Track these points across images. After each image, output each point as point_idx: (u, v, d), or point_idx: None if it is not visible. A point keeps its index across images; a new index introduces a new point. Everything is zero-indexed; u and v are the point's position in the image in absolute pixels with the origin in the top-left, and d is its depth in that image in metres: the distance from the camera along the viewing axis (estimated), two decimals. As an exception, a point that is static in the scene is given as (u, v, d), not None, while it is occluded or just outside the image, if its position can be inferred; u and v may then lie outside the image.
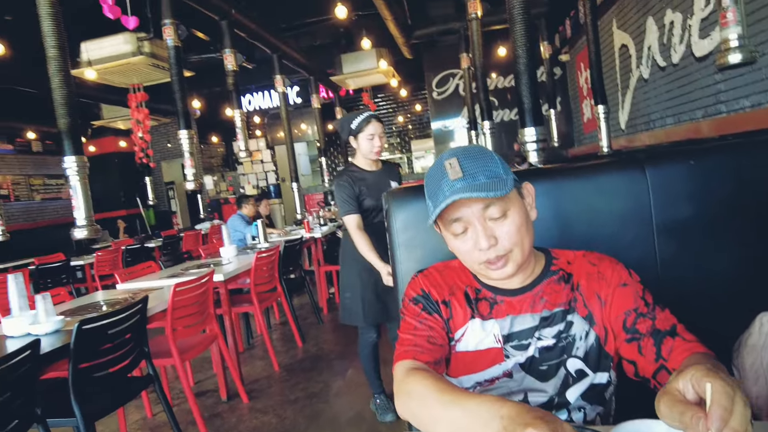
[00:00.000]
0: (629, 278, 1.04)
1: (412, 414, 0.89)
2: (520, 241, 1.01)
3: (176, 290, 2.82)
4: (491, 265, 1.02)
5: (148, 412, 3.31)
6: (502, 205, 0.99)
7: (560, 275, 1.09)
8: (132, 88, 6.09)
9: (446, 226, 1.04)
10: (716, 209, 1.29)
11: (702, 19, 3.52)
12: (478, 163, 0.99)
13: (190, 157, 4.03)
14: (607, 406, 1.06)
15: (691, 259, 1.29)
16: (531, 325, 1.05)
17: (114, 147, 11.46)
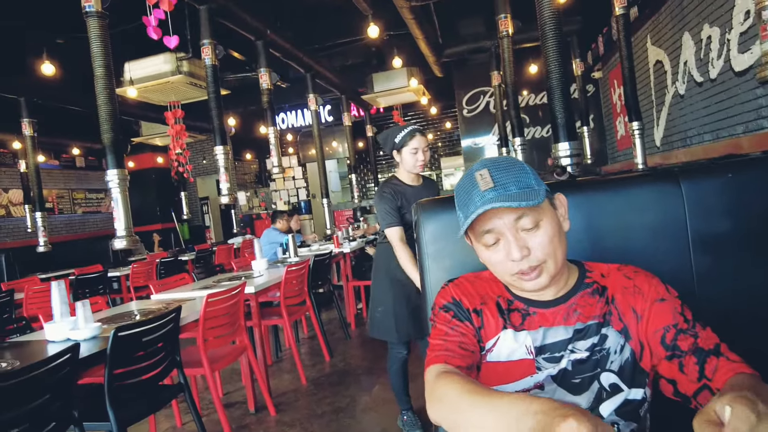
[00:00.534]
0: (667, 293, 1.02)
1: (443, 417, 0.88)
2: (553, 252, 1.00)
3: (208, 301, 2.88)
4: (524, 276, 1.01)
5: (177, 421, 3.35)
6: (534, 215, 0.99)
7: (594, 288, 1.07)
8: (169, 105, 6.33)
9: (478, 237, 1.04)
10: (755, 223, 1.25)
11: (741, 33, 3.44)
12: (509, 173, 0.99)
13: (225, 172, 4.14)
14: (642, 423, 1.03)
15: (729, 275, 1.25)
16: (564, 338, 1.04)
17: (151, 163, 11.87)
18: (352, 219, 9.92)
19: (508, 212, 0.98)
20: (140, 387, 2.38)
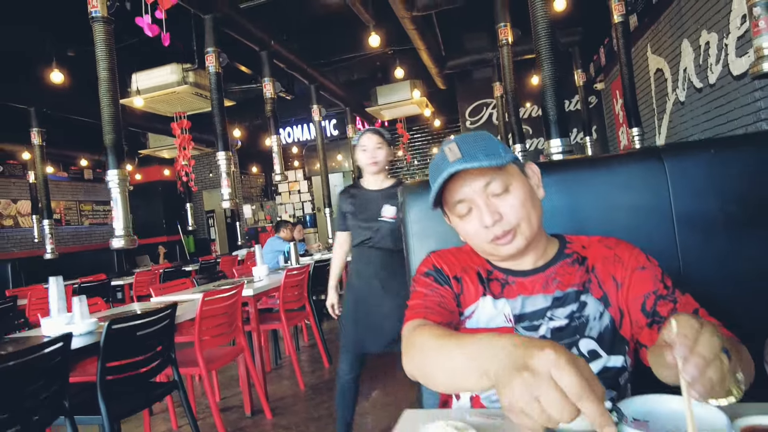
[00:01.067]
0: (647, 262, 1.02)
1: (416, 367, 0.87)
2: (526, 215, 1.00)
3: (205, 299, 2.89)
4: (499, 241, 1.01)
5: (173, 423, 3.33)
6: (503, 179, 1.00)
7: (574, 258, 1.07)
8: (176, 116, 6.42)
9: (451, 209, 1.05)
10: (741, 201, 1.24)
11: (738, 37, 3.46)
12: (477, 144, 1.00)
13: (226, 177, 4.18)
14: (622, 392, 1.02)
15: (714, 254, 1.24)
16: (543, 306, 1.03)
17: (158, 175, 11.99)
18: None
19: (477, 178, 1.00)
20: (133, 381, 2.37)
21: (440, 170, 1.01)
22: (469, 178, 1.00)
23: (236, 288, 3.19)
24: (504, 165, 0.99)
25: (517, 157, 1.05)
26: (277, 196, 11.95)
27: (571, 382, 0.56)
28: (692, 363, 0.55)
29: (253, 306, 3.53)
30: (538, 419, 0.57)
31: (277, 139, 4.98)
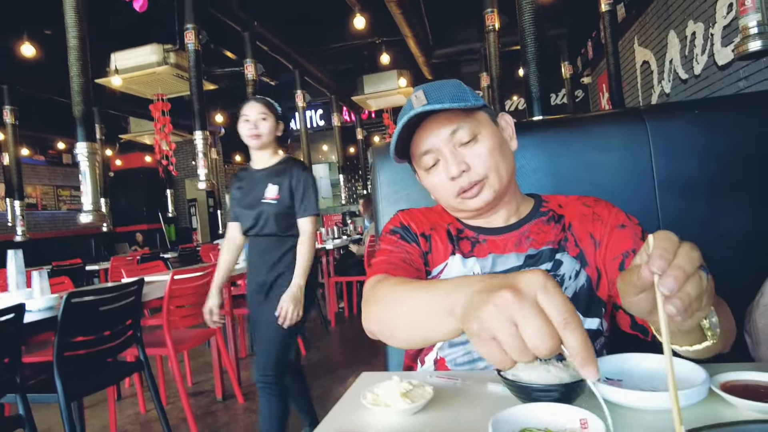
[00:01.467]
0: (627, 220, 0.96)
1: (376, 320, 0.79)
2: (495, 166, 0.94)
3: (174, 278, 2.78)
4: (466, 194, 0.94)
5: (141, 407, 3.23)
6: (470, 127, 0.93)
7: (550, 216, 1.01)
8: (156, 98, 6.26)
9: (418, 162, 0.99)
10: (722, 164, 1.19)
11: (724, 26, 3.44)
12: (444, 90, 0.94)
13: (203, 157, 4.07)
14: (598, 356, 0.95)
15: (695, 216, 1.18)
16: (515, 265, 0.97)
17: (140, 162, 11.75)
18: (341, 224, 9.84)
19: (443, 126, 0.93)
20: (94, 359, 2.26)
21: (405, 115, 0.94)
22: (434, 127, 0.94)
23: (208, 269, 3.08)
24: (472, 109, 0.93)
25: (487, 104, 0.99)
26: (261, 186, 11.80)
27: (558, 306, 0.47)
28: (671, 275, 0.48)
29: (226, 289, 3.43)
30: (512, 348, 0.47)
31: (258, 121, 4.87)
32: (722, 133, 1.20)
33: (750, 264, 1.09)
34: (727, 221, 1.17)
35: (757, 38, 2.13)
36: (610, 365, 0.80)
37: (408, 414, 0.73)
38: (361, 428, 0.72)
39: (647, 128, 1.20)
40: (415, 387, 0.77)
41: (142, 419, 3.12)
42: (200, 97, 4.07)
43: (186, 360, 3.77)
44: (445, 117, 0.93)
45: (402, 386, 0.76)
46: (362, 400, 0.76)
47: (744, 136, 1.19)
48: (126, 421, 3.09)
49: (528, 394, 0.68)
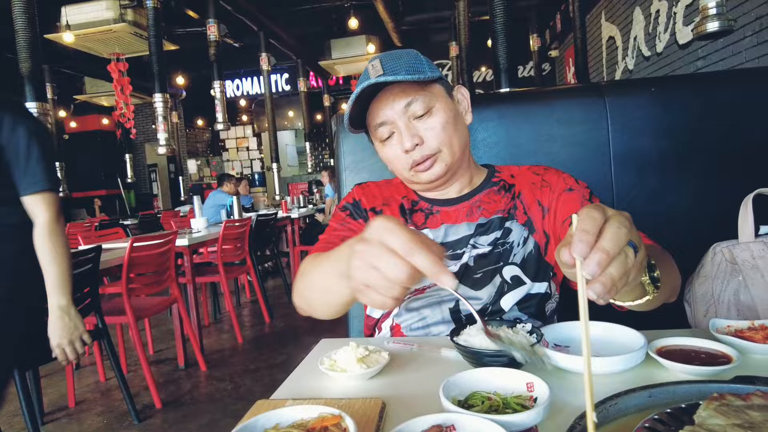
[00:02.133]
0: (576, 184, 0.99)
1: (300, 296, 0.84)
2: (448, 140, 0.95)
3: (134, 245, 2.72)
4: (418, 167, 0.95)
5: (101, 376, 3.19)
6: (425, 100, 0.93)
7: (501, 185, 1.04)
8: (114, 57, 5.97)
9: (374, 133, 0.99)
10: (674, 140, 1.23)
11: (687, 5, 3.50)
12: (401, 61, 0.93)
13: (163, 121, 3.93)
14: (548, 322, 1.00)
15: (647, 191, 1.23)
16: (466, 234, 1.00)
17: (96, 125, 11.23)
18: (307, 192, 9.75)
19: (398, 99, 0.93)
20: (49, 327, 2.20)
21: (361, 84, 0.93)
22: (390, 99, 0.94)
23: (169, 236, 3.02)
24: (426, 81, 0.93)
25: (443, 76, 0.99)
26: (224, 152, 11.51)
27: (401, 239, 0.52)
28: (592, 260, 0.47)
29: (188, 257, 3.38)
30: (381, 287, 0.54)
31: (221, 85, 4.72)
32: (676, 111, 1.24)
33: (694, 236, 1.14)
34: (675, 195, 1.22)
35: (715, 19, 2.17)
36: (559, 332, 0.84)
37: (364, 378, 0.75)
38: (319, 393, 0.73)
39: (606, 104, 1.23)
40: (372, 353, 0.79)
41: (102, 388, 3.09)
42: (160, 58, 3.91)
43: (147, 328, 3.73)
44: (400, 89, 0.93)
45: (359, 352, 0.77)
46: (320, 366, 0.77)
47: (695, 115, 1.24)
48: (85, 390, 3.05)
49: (479, 359, 0.71)
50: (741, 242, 1.07)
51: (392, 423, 0.59)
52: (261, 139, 11.48)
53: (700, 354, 0.70)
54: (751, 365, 0.68)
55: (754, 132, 1.22)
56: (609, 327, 0.82)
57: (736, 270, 1.08)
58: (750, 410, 0.44)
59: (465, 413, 0.55)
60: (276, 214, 4.89)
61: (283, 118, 11.15)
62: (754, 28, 2.78)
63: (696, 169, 1.23)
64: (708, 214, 1.22)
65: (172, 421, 2.56)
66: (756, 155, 1.21)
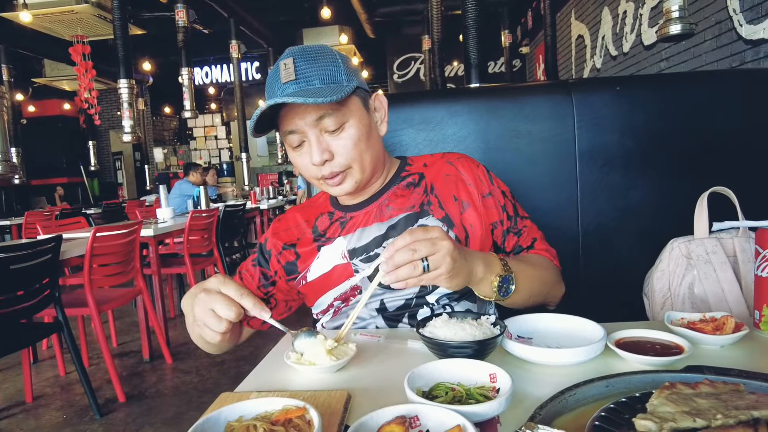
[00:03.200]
0: (491, 185, 1.01)
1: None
2: (359, 156, 0.92)
3: (96, 235, 2.64)
4: (328, 181, 0.94)
5: (61, 370, 3.09)
6: (338, 116, 0.88)
7: (409, 180, 1.02)
8: (76, 39, 5.74)
9: (284, 138, 0.94)
10: (637, 138, 1.27)
11: (652, 7, 3.60)
12: (316, 65, 0.87)
13: (128, 107, 3.81)
14: (480, 302, 1.00)
15: (610, 186, 1.26)
16: (377, 234, 0.98)
17: (58, 110, 10.81)
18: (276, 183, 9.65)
19: (310, 111, 0.87)
20: (5, 320, 2.13)
21: (272, 89, 0.89)
22: (301, 109, 0.88)
23: (133, 226, 2.95)
24: (340, 99, 0.85)
25: (360, 86, 0.93)
26: (191, 140, 11.26)
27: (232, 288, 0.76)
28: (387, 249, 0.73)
29: (153, 247, 3.30)
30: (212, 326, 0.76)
31: (189, 72, 4.61)
32: (639, 110, 1.27)
33: (654, 232, 1.18)
34: (637, 191, 1.26)
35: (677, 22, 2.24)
36: (522, 324, 0.86)
37: (332, 371, 0.75)
38: (285, 385, 0.73)
39: (573, 101, 1.26)
40: (339, 345, 0.79)
41: (62, 381, 3.00)
42: (125, 43, 3.78)
43: (110, 320, 3.63)
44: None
45: (327, 344, 0.77)
46: (286, 360, 0.77)
47: (657, 114, 1.27)
48: (44, 385, 2.96)
49: (444, 351, 0.72)
50: (696, 238, 1.12)
51: (357, 414, 0.60)
52: (230, 128, 11.28)
53: (656, 345, 0.73)
54: (702, 355, 0.71)
55: (711, 132, 1.27)
56: (571, 319, 0.85)
57: (691, 265, 1.12)
58: (698, 398, 0.47)
59: (429, 404, 0.56)
60: (244, 205, 4.82)
61: (254, 106, 10.97)
62: (714, 32, 2.88)
63: (657, 166, 1.27)
64: (667, 210, 1.26)
65: (136, 414, 2.51)
66: (712, 155, 1.26)
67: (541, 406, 0.53)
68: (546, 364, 0.73)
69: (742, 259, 1.06)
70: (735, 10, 2.68)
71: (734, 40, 2.71)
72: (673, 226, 1.15)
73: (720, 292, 1.08)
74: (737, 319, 0.76)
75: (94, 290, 2.67)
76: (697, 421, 0.42)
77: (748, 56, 2.61)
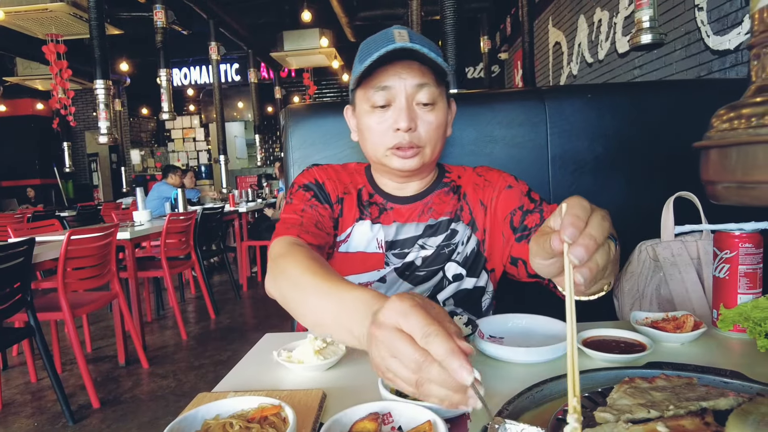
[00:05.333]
0: (515, 182, 1.03)
1: (282, 295, 0.78)
2: (435, 140, 0.95)
3: (71, 238, 2.60)
4: (399, 152, 0.94)
5: (32, 376, 3.02)
6: (435, 92, 0.92)
7: (450, 187, 1.07)
8: (50, 38, 5.63)
9: (368, 93, 0.93)
10: (607, 144, 1.31)
11: (626, 17, 3.69)
12: (427, 41, 0.92)
13: (104, 108, 3.76)
14: (484, 315, 1.04)
15: (581, 191, 1.28)
16: (414, 234, 1.02)
17: (30, 110, 10.57)
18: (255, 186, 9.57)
19: (414, 75, 0.90)
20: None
21: (382, 43, 0.89)
22: (405, 71, 0.90)
23: (109, 229, 2.91)
24: (445, 74, 0.93)
25: (449, 84, 0.99)
26: (169, 142, 11.12)
27: (416, 323, 0.48)
28: (581, 245, 0.47)
29: (129, 251, 3.26)
30: (402, 377, 0.49)
31: (167, 73, 4.56)
32: (609, 117, 1.32)
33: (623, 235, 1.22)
34: (607, 195, 1.30)
35: (648, 32, 2.31)
36: (493, 324, 0.88)
37: (321, 369, 0.77)
38: (262, 385, 0.74)
39: (545, 108, 1.29)
40: (329, 344, 0.81)
41: (33, 388, 2.94)
42: (102, 42, 3.73)
43: (85, 325, 3.57)
44: (419, 69, 0.91)
45: (316, 344, 0.79)
46: (277, 357, 0.78)
47: (627, 121, 1.32)
48: (14, 392, 2.89)
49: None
50: (663, 241, 1.16)
51: (332, 412, 0.61)
52: (209, 130, 11.16)
53: (620, 343, 0.76)
54: (663, 352, 0.75)
55: (677, 139, 1.32)
56: (539, 319, 0.88)
57: (658, 267, 1.16)
58: (654, 391, 0.49)
59: (401, 401, 0.57)
60: (223, 208, 4.78)
61: (233, 109, 10.89)
62: (684, 42, 2.98)
63: (626, 171, 1.31)
64: (636, 214, 1.30)
65: (110, 420, 2.47)
66: (678, 161, 1.31)
67: (508, 401, 0.56)
68: (516, 363, 0.75)
69: (705, 261, 1.11)
70: (703, 21, 2.78)
71: (702, 50, 2.81)
72: (641, 230, 1.19)
73: (684, 293, 1.13)
74: (696, 318, 0.80)
75: (68, 294, 2.62)
76: (651, 412, 0.45)
77: (715, 66, 2.70)
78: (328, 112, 1.34)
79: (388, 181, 1.05)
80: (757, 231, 0.81)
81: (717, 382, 0.53)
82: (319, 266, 0.76)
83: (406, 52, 0.88)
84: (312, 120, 1.33)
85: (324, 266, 0.77)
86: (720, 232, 0.82)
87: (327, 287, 0.69)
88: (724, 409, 0.46)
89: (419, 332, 0.48)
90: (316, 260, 0.79)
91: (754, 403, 0.45)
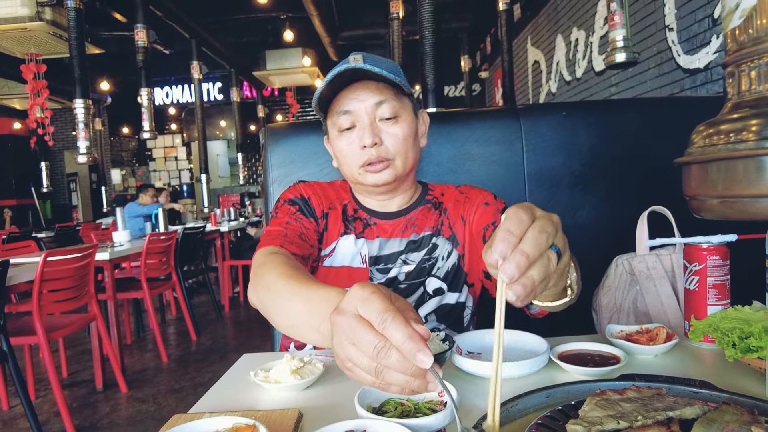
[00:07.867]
0: (493, 200, 1.05)
1: (260, 301, 0.79)
2: (404, 151, 0.98)
3: (47, 260, 2.55)
4: (370, 167, 0.97)
5: (3, 404, 2.92)
6: (395, 106, 0.96)
7: (433, 203, 1.09)
8: (29, 57, 5.58)
9: (333, 120, 0.99)
10: (582, 160, 1.34)
11: (601, 36, 3.80)
12: (382, 61, 0.96)
13: (84, 128, 3.73)
14: (465, 331, 1.05)
15: (558, 207, 1.32)
16: (397, 250, 1.03)
17: (7, 129, 10.40)
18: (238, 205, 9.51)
19: (371, 95, 0.95)
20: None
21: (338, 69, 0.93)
22: (362, 92, 0.95)
23: (88, 249, 2.86)
24: (402, 88, 0.96)
25: (416, 99, 1.03)
26: (151, 161, 11.02)
27: (373, 309, 0.49)
28: (512, 262, 0.45)
29: (108, 272, 3.20)
30: (361, 365, 0.49)
31: (148, 92, 4.55)
32: (584, 134, 1.35)
33: (600, 249, 1.24)
34: (583, 211, 1.33)
35: (622, 51, 2.38)
36: (472, 340, 0.89)
37: (298, 389, 0.76)
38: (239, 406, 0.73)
39: (521, 126, 1.32)
40: (306, 364, 0.80)
41: (5, 417, 2.84)
42: (82, 62, 3.71)
43: (61, 348, 3.48)
44: (376, 87, 0.95)
45: (293, 363, 0.78)
46: (254, 377, 0.77)
47: (601, 138, 1.35)
48: (-15, 418, 2.80)
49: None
50: (638, 255, 1.18)
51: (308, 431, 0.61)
52: (191, 149, 11.10)
53: (595, 356, 0.77)
54: (637, 364, 0.76)
55: (650, 155, 1.35)
56: (516, 334, 0.88)
57: (635, 280, 1.18)
58: (624, 402, 0.50)
59: (377, 418, 0.57)
60: (204, 227, 4.74)
61: (215, 127, 10.87)
62: (657, 61, 3.07)
63: (602, 186, 1.34)
64: (613, 228, 1.33)
65: (86, 447, 2.40)
66: (651, 176, 1.34)
67: (483, 416, 0.56)
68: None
69: (678, 274, 1.13)
70: (674, 41, 2.87)
71: (674, 68, 2.89)
72: (618, 244, 1.21)
73: (660, 305, 1.15)
74: (669, 330, 0.82)
75: (44, 317, 2.56)
76: (621, 423, 0.46)
77: (687, 84, 2.78)
78: (308, 130, 1.35)
79: (370, 199, 1.07)
80: (724, 243, 0.83)
81: (686, 392, 0.54)
82: (292, 270, 0.78)
83: (360, 73, 0.93)
84: (292, 138, 1.34)
85: (297, 269, 0.80)
86: (689, 245, 0.84)
87: (296, 288, 0.72)
88: (690, 417, 0.47)
89: (377, 318, 0.48)
90: (291, 265, 0.81)
91: (719, 411, 0.46)
